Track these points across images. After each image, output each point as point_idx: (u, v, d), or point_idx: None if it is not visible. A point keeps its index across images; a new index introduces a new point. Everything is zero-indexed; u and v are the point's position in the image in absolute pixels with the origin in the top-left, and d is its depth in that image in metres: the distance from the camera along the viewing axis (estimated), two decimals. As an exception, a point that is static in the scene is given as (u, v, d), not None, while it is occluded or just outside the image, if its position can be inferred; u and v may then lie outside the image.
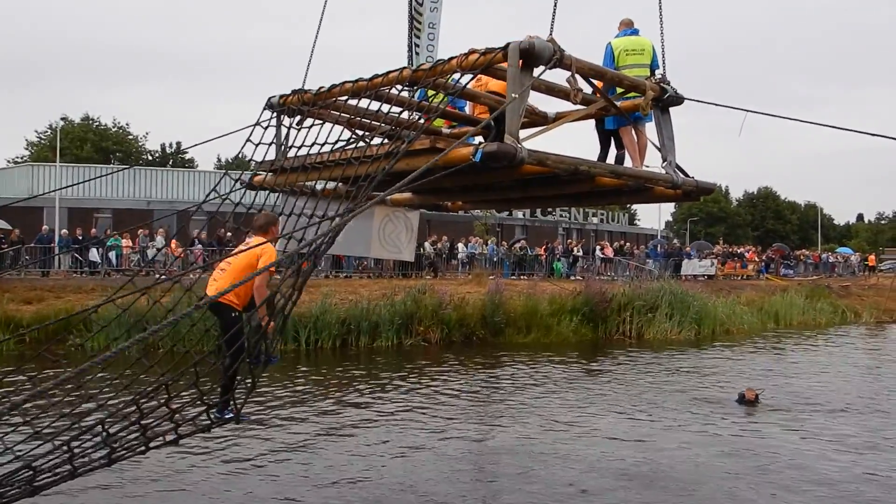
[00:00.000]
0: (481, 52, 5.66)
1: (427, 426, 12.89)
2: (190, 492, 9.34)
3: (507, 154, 5.36)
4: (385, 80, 6.49)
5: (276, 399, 14.81)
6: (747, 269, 43.79)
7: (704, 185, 7.49)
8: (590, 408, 14.73)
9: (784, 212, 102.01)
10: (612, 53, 7.66)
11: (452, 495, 9.33)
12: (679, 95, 7.27)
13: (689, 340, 26.19)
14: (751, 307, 31.92)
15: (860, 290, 41.69)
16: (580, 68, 6.04)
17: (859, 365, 21.86)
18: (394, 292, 23.89)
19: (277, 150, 7.68)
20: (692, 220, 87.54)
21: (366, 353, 21.39)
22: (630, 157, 7.63)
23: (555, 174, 6.31)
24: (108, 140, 65.12)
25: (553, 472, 10.28)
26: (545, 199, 10.07)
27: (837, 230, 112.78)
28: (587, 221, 57.22)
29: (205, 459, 10.60)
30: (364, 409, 14.29)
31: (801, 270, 48.51)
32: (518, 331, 24.41)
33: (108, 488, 9.21)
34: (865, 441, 12.19)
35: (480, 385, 17.06)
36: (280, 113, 7.69)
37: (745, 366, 20.97)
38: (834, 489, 9.72)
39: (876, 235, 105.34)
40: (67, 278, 24.95)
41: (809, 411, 14.30)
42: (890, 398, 16.34)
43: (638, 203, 11.88)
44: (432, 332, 23.03)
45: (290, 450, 11.18)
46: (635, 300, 26.89)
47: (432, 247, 32.56)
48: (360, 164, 6.34)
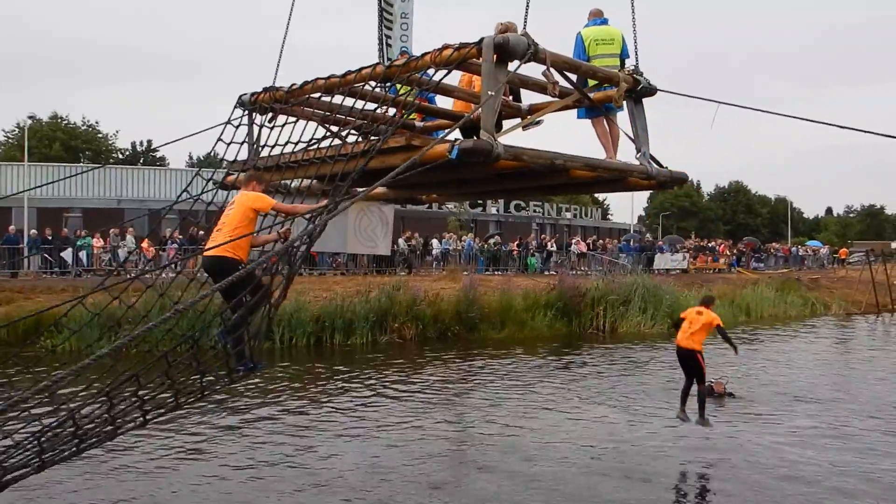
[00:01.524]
0: (455, 47, 5.64)
1: (400, 423, 12.88)
2: (164, 491, 9.25)
3: (483, 150, 5.35)
4: (358, 76, 6.46)
5: (250, 398, 14.72)
6: (719, 263, 44.14)
7: (678, 174, 7.53)
8: (562, 401, 14.80)
9: (755, 206, 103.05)
10: (582, 43, 7.62)
11: (423, 489, 9.33)
12: (652, 86, 7.29)
13: (662, 334, 26.32)
14: (722, 300, 32.08)
15: (829, 282, 42.20)
16: (555, 62, 6.04)
17: (828, 357, 22.16)
18: (368, 289, 23.82)
19: (250, 149, 7.62)
20: (664, 214, 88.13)
21: (340, 350, 21.31)
22: (604, 148, 7.65)
23: (530, 168, 6.32)
24: (78, 139, 64.20)
25: (523, 465, 10.33)
26: (521, 191, 10.09)
27: (807, 224, 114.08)
28: (561, 216, 57.38)
29: (178, 460, 10.51)
30: (337, 406, 14.24)
31: (772, 263, 48.96)
32: (493, 326, 24.45)
33: (79, 491, 9.12)
34: (828, 431, 12.36)
35: (454, 380, 17.06)
36: (252, 111, 7.62)
37: (716, 358, 21.13)
38: (791, 477, 9.88)
39: (845, 229, 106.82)
40: (37, 279, 24.61)
41: (776, 403, 14.44)
42: (857, 389, 16.55)
43: (613, 192, 12.05)
44: (407, 329, 23.00)
45: (264, 449, 11.12)
46: (609, 294, 27.04)
47: (406, 243, 32.49)
48: (334, 163, 6.32)
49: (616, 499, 9.18)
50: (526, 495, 9.24)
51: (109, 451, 10.70)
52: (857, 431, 12.49)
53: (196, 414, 13.29)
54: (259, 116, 7.55)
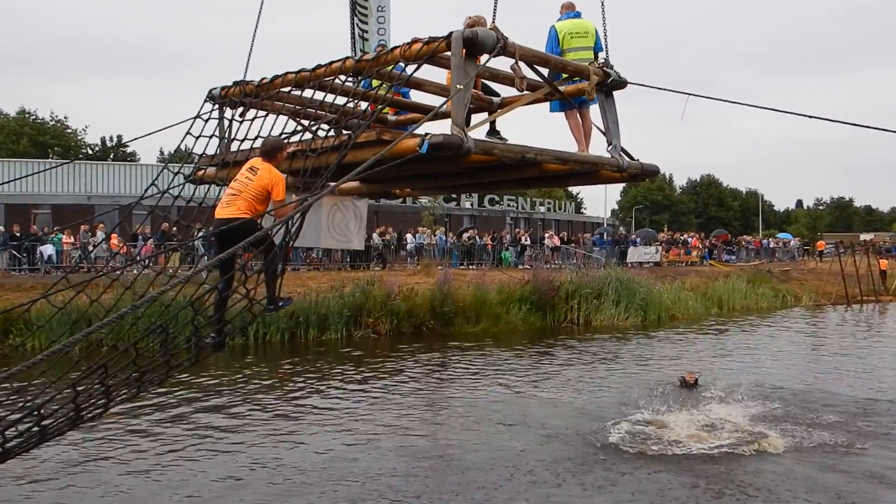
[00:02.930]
0: (424, 41, 5.64)
1: (373, 419, 12.85)
2: (128, 492, 9.18)
3: (454, 145, 5.35)
4: (328, 70, 6.45)
5: (222, 395, 14.65)
6: (691, 256, 44.51)
7: (649, 167, 7.59)
8: (535, 395, 14.85)
9: (726, 199, 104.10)
10: (556, 36, 7.64)
11: (395, 485, 9.33)
12: (622, 79, 7.35)
13: (636, 326, 26.59)
14: (695, 293, 32.49)
15: (800, 274, 42.73)
16: (524, 55, 6.06)
17: (798, 348, 22.42)
18: (342, 284, 23.73)
19: (220, 143, 7.57)
20: (637, 207, 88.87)
21: (315, 346, 21.23)
22: (576, 142, 7.68)
23: (502, 162, 6.33)
24: (46, 134, 63.46)
25: (495, 460, 10.35)
26: (494, 185, 10.10)
27: (777, 216, 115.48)
28: (535, 211, 57.55)
29: (149, 459, 10.43)
30: (310, 402, 14.18)
31: (743, 256, 49.51)
32: (467, 320, 24.45)
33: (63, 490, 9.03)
34: (797, 422, 12.49)
35: (429, 375, 17.07)
36: (222, 105, 7.58)
37: (689, 350, 21.38)
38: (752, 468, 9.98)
39: (815, 221, 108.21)
40: (6, 276, 24.27)
41: (744, 393, 14.56)
42: (824, 380, 16.76)
43: (585, 185, 12.12)
44: (381, 324, 22.94)
45: (237, 448, 11.05)
46: (582, 288, 27.16)
47: (380, 238, 32.43)
48: (306, 158, 6.30)
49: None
50: (499, 489, 9.28)
51: (79, 451, 10.62)
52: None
53: (165, 410, 13.21)
54: (229, 110, 7.51)
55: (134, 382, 5.84)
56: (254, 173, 6.42)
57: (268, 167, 6.46)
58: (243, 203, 6.33)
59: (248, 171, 6.47)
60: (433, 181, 8.32)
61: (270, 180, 6.36)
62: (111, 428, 11.89)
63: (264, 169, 6.43)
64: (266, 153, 6.57)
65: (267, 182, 6.36)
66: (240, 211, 6.31)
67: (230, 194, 6.45)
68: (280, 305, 6.78)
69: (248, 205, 6.34)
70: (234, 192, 6.42)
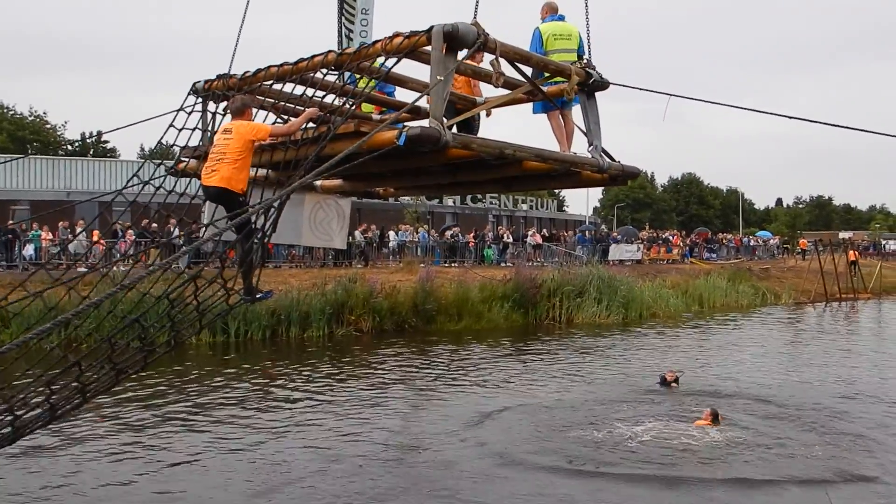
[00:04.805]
0: (405, 35, 5.65)
1: (354, 416, 12.87)
2: (110, 490, 9.14)
3: (431, 137, 5.35)
4: (310, 64, 6.44)
5: (203, 393, 14.59)
6: (672, 254, 44.73)
7: (630, 169, 7.61)
8: (513, 392, 14.89)
9: (707, 197, 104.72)
10: (540, 38, 7.66)
11: (375, 483, 9.35)
12: (604, 80, 7.37)
13: (617, 324, 26.71)
14: (676, 290, 32.66)
15: (779, 272, 43.05)
16: (505, 52, 6.07)
17: (776, 346, 22.58)
18: (324, 282, 23.69)
19: (203, 136, 7.55)
20: (619, 205, 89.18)
21: (297, 343, 21.19)
22: (558, 143, 7.70)
23: (483, 158, 6.34)
24: (25, 129, 62.87)
25: (473, 456, 10.37)
26: (475, 185, 10.09)
27: (758, 214, 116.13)
28: (517, 208, 57.63)
29: (128, 459, 10.38)
30: (291, 400, 14.18)
31: (724, 254, 49.76)
32: (449, 318, 24.48)
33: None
34: (776, 419, 12.61)
35: (411, 372, 17.08)
36: (205, 98, 7.56)
37: (669, 348, 21.50)
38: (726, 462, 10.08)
39: (794, 219, 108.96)
40: (-17, 273, 24.01)
41: (724, 393, 14.66)
42: (802, 378, 16.89)
43: (566, 187, 12.13)
44: (364, 322, 22.93)
45: (215, 445, 11.02)
46: (564, 285, 27.27)
47: (363, 235, 32.36)
48: (286, 150, 6.30)
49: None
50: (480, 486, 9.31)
51: (56, 448, 10.57)
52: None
53: (146, 408, 13.15)
54: (213, 104, 7.49)
55: (110, 373, 5.82)
56: (230, 134, 6.51)
57: (240, 122, 6.56)
58: (227, 168, 6.40)
59: (223, 135, 6.57)
60: (414, 179, 8.31)
61: (248, 130, 6.44)
62: (88, 422, 11.85)
63: (237, 125, 6.52)
64: (235, 112, 6.69)
65: (245, 133, 6.42)
66: (223, 180, 6.41)
67: (213, 160, 6.53)
68: (258, 297, 6.84)
69: (231, 170, 6.39)
70: (217, 157, 6.51)
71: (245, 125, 6.50)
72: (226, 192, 6.43)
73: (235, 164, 6.37)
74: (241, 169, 6.40)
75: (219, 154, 6.49)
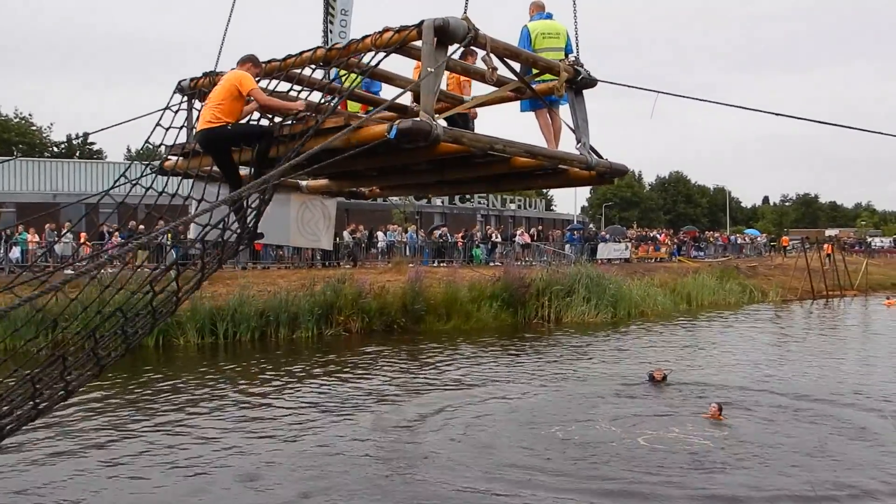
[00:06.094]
0: (395, 29, 5.62)
1: (343, 416, 12.84)
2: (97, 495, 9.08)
3: (423, 131, 5.31)
4: (298, 60, 6.40)
5: (192, 395, 14.52)
6: (660, 252, 44.87)
7: (618, 166, 7.59)
8: (502, 391, 14.86)
9: (694, 195, 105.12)
10: (528, 36, 7.66)
11: (362, 484, 9.31)
12: (592, 78, 7.35)
13: (606, 322, 26.76)
14: (664, 289, 32.76)
15: (767, 269, 43.24)
16: (495, 48, 6.05)
17: (765, 343, 22.67)
18: (313, 282, 23.62)
19: (188, 134, 7.49)
20: (607, 204, 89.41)
21: (286, 344, 21.11)
22: (545, 141, 7.69)
23: (470, 155, 6.32)
24: (10, 131, 62.43)
25: (462, 456, 10.35)
26: (463, 184, 10.01)
27: (745, 212, 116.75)
28: (505, 208, 57.67)
29: (113, 455, 10.31)
30: (279, 401, 14.12)
31: (711, 252, 49.96)
32: (438, 318, 24.47)
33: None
34: (762, 416, 12.65)
35: (400, 373, 17.06)
36: (191, 96, 7.49)
37: (658, 346, 21.55)
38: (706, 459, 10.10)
39: (781, 217, 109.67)
40: (-32, 276, 23.81)
41: (712, 390, 14.69)
42: (788, 375, 16.96)
43: (554, 186, 12.17)
44: (353, 322, 22.89)
45: (204, 444, 10.97)
46: (553, 285, 27.31)
47: (351, 236, 32.29)
48: (278, 147, 6.25)
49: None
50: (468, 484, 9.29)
51: (40, 447, 10.49)
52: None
53: (133, 407, 13.08)
54: (198, 102, 7.43)
55: (91, 362, 5.80)
56: (221, 81, 6.55)
57: (233, 70, 6.56)
58: (209, 112, 6.41)
59: (218, 84, 6.60)
60: (401, 177, 8.26)
61: (234, 77, 6.42)
62: (71, 421, 11.78)
63: (229, 73, 6.53)
64: (238, 63, 6.68)
65: (231, 79, 6.42)
66: (205, 122, 6.42)
67: (206, 107, 6.54)
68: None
69: (214, 113, 6.38)
70: (209, 104, 6.51)
71: (235, 73, 6.49)
72: (210, 132, 6.40)
73: (219, 107, 6.35)
74: (224, 112, 6.35)
75: (210, 101, 6.51)
